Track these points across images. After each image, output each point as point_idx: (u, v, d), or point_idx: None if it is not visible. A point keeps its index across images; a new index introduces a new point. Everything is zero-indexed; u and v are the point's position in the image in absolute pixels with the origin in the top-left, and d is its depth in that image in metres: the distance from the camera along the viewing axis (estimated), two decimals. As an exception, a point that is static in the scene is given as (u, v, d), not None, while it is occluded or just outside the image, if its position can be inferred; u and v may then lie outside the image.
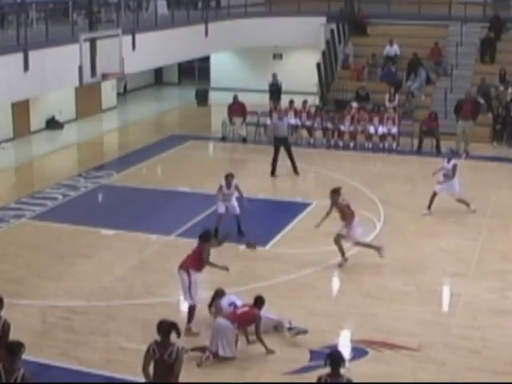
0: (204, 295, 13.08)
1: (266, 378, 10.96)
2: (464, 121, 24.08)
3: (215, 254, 14.72)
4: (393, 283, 14.13)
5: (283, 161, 23.09)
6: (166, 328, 8.95)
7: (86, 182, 21.00)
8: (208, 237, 12.54)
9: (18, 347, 8.35)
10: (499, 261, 15.42)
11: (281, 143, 21.52)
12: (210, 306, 12.43)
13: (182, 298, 12.54)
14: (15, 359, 8.30)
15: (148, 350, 8.96)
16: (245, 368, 11.12)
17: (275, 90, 28.44)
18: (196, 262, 12.27)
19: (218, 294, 12.43)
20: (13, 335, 9.25)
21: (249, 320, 11.56)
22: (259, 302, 11.65)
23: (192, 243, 15.85)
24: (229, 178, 16.37)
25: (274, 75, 28.86)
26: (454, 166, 17.97)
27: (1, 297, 9.55)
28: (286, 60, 34.30)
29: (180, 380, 8.95)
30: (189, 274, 12.13)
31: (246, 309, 11.64)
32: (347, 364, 8.88)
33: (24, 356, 8.47)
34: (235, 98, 25.65)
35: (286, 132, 21.92)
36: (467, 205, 18.05)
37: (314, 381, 8.56)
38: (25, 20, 21.02)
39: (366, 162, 23.64)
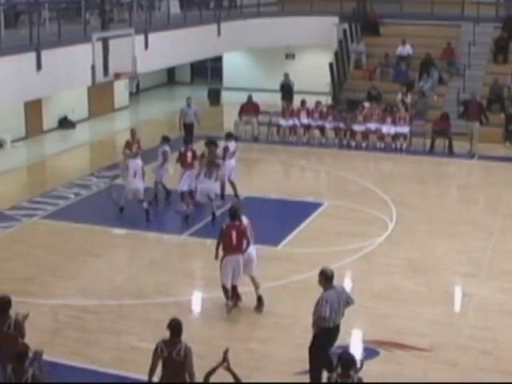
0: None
1: (276, 377, 10.94)
2: (471, 122, 23.95)
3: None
4: (404, 283, 14.11)
5: (296, 160, 23.11)
6: (177, 327, 8.97)
7: (98, 181, 21.06)
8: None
9: (25, 351, 8.47)
10: (511, 261, 15.36)
11: (189, 128, 23.22)
12: None
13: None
14: (24, 362, 8.40)
15: (156, 348, 8.98)
16: (254, 368, 11.12)
17: (287, 90, 28.38)
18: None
19: None
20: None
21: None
22: (234, 213, 12.79)
23: (202, 242, 16.00)
24: None
25: (286, 75, 28.79)
26: (224, 149, 18.85)
27: (8, 296, 9.62)
28: (299, 60, 34.28)
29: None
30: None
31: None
32: (359, 365, 8.85)
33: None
34: (250, 97, 25.67)
35: (193, 118, 23.49)
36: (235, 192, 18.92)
37: (325, 381, 8.57)
38: (38, 19, 21.11)
39: (378, 162, 23.60)
